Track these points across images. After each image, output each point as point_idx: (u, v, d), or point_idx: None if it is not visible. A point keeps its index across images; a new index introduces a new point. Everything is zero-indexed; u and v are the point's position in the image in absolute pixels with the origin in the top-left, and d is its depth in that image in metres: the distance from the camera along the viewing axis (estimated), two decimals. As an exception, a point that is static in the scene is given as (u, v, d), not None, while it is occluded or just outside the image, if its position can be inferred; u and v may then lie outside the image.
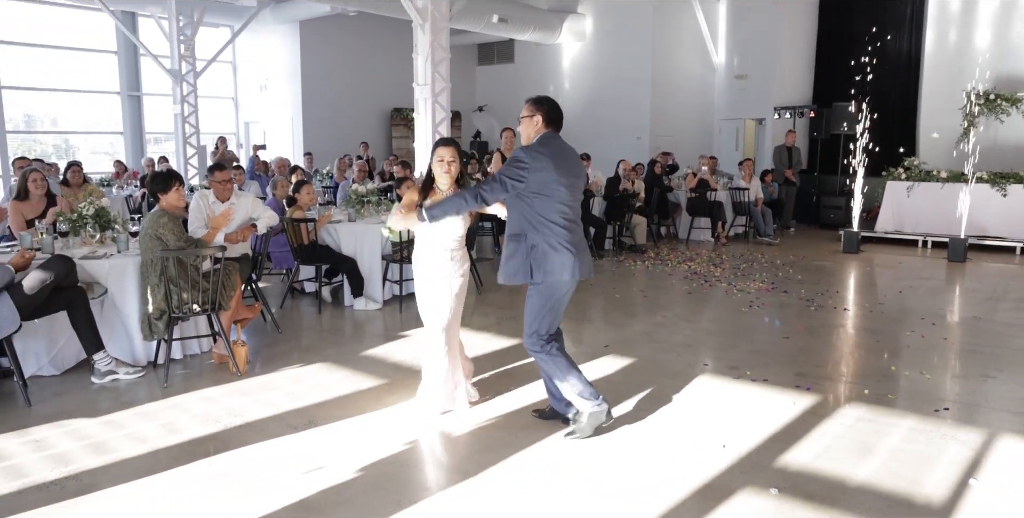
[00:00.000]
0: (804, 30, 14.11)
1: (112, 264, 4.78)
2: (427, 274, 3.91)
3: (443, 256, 3.88)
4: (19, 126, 13.75)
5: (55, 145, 14.73)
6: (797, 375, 4.70)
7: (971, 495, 3.09)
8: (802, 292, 7.30)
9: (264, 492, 3.14)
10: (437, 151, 3.82)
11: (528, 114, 3.64)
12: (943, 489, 3.15)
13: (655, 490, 3.15)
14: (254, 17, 14.40)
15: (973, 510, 2.98)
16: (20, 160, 7.29)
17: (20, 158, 7.40)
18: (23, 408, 4.19)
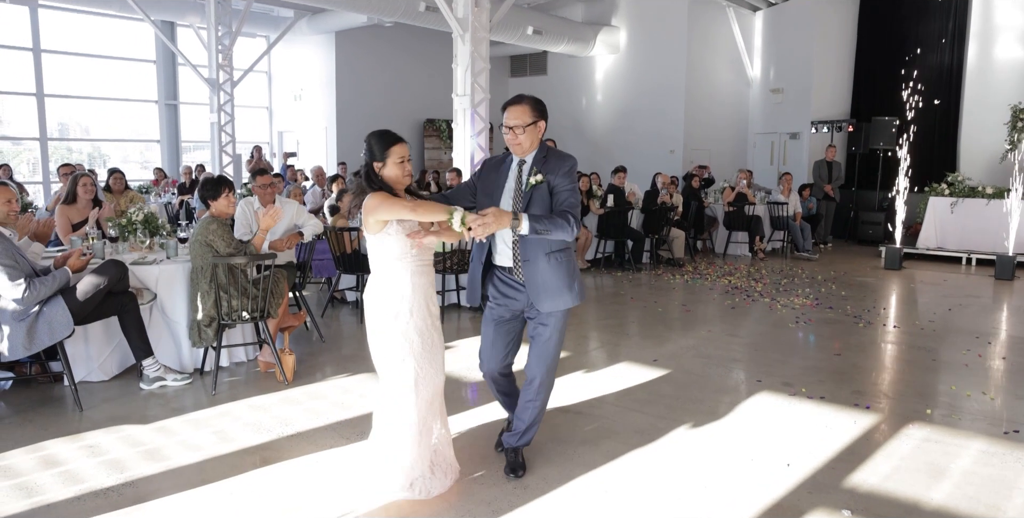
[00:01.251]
0: (842, 43, 13.97)
1: (162, 270, 4.79)
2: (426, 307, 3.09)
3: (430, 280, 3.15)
4: (53, 134, 13.95)
5: (88, 153, 14.92)
6: (854, 393, 4.57)
7: (1056, 522, 2.96)
8: (848, 308, 7.15)
9: (317, 504, 3.08)
10: (395, 150, 3.00)
11: (532, 120, 3.08)
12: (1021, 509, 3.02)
13: (724, 508, 3.05)
14: (291, 27, 14.57)
15: (1060, 538, 2.85)
16: (65, 166, 7.38)
17: (65, 165, 7.48)
18: (74, 413, 4.19)
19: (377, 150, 2.99)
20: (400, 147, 3.01)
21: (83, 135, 14.88)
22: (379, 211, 2.87)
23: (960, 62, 12.89)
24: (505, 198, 3.16)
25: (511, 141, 3.13)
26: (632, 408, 4.31)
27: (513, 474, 3.33)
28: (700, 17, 14.54)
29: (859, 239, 12.46)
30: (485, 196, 3.20)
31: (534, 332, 3.26)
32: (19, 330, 4.02)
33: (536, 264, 3.13)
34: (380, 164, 2.99)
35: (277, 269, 4.91)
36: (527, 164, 3.16)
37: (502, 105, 3.18)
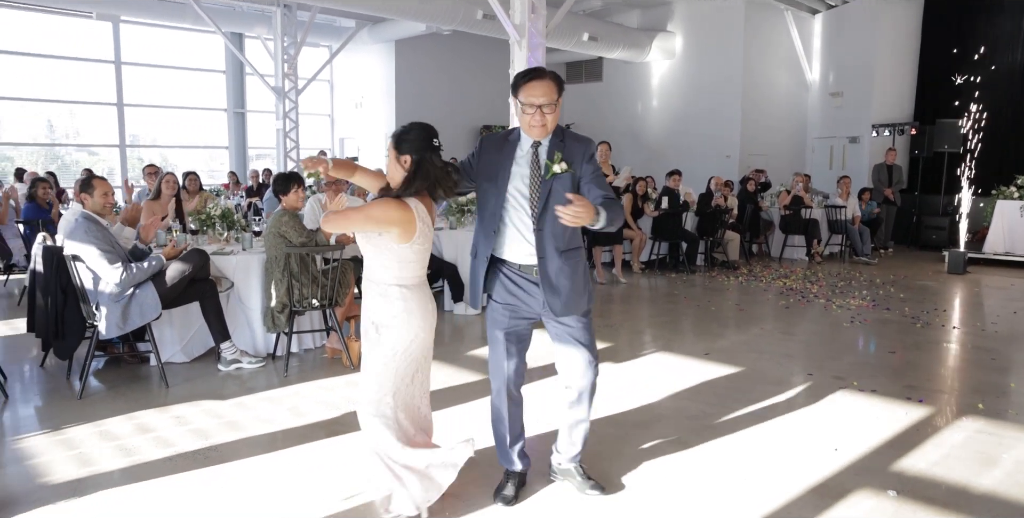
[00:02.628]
0: (906, 44, 13.74)
1: (239, 260, 5.12)
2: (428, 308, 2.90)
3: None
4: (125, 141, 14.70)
5: (159, 161, 15.62)
6: (907, 387, 4.60)
7: (1106, 507, 2.99)
8: (906, 310, 7.10)
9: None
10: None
11: (558, 96, 2.75)
12: (1075, 500, 3.05)
13: (769, 486, 3.16)
14: (352, 37, 15.08)
15: (1109, 521, 2.88)
16: (150, 166, 7.89)
17: (150, 165, 8.00)
18: (160, 388, 4.53)
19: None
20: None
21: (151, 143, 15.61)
22: None
23: (1030, 63, 12.57)
24: (514, 185, 2.79)
25: (534, 122, 2.72)
26: (683, 396, 4.43)
27: (598, 490, 3.04)
28: (757, 21, 14.52)
29: (921, 244, 12.22)
30: (487, 181, 2.82)
31: (565, 335, 2.90)
32: (115, 311, 4.37)
33: (551, 262, 2.78)
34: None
35: (344, 261, 5.19)
36: (543, 146, 2.79)
37: (519, 77, 2.76)
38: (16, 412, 4.19)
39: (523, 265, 2.83)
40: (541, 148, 2.80)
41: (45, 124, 14.22)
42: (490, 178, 2.81)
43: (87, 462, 3.42)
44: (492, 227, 2.81)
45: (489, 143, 2.89)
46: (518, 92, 2.73)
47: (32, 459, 3.46)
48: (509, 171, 2.79)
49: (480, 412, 4.10)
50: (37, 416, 4.12)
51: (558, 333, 2.92)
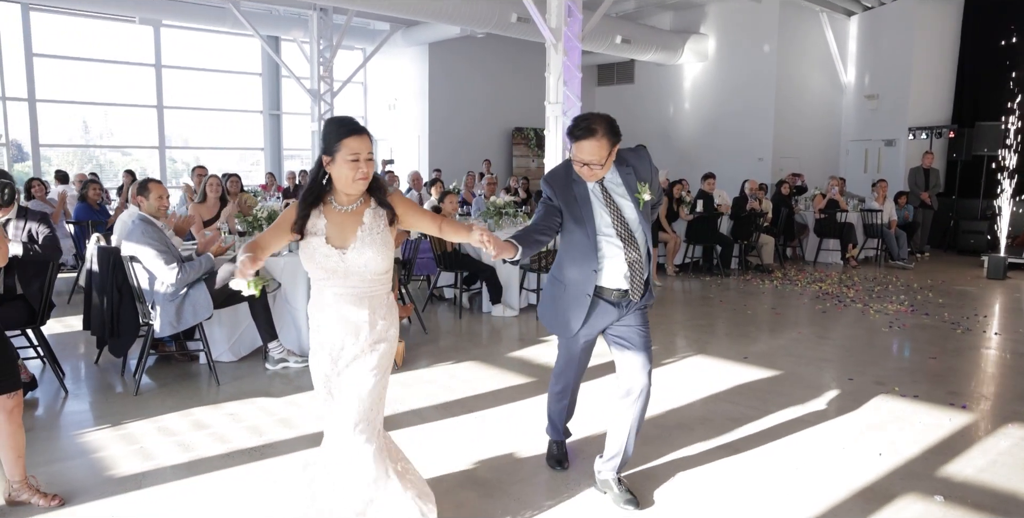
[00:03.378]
0: (944, 46, 13.57)
1: (286, 261, 5.25)
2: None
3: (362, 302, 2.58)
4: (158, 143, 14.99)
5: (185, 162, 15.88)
6: (949, 393, 4.60)
7: None
8: (945, 315, 7.05)
9: (437, 466, 3.40)
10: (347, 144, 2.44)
11: (608, 150, 2.81)
12: (1126, 508, 3.05)
13: (814, 490, 3.20)
14: (386, 40, 15.25)
15: None
16: (199, 168, 8.08)
17: (199, 166, 8.19)
18: (212, 386, 4.67)
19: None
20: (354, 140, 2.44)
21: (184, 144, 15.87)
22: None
23: (1072, 65, 12.34)
24: (601, 221, 2.89)
25: (586, 174, 2.84)
26: (723, 399, 4.47)
27: (632, 505, 3.02)
28: (791, 23, 14.43)
29: (959, 249, 12.07)
30: (574, 222, 2.90)
31: (630, 337, 3.00)
32: (169, 310, 4.52)
33: (644, 267, 2.95)
34: (328, 158, 2.45)
35: (388, 262, 5.29)
36: (607, 179, 2.91)
37: (572, 131, 2.80)
38: (76, 407, 4.35)
39: (615, 290, 2.94)
40: (607, 182, 2.91)
41: (80, 125, 14.55)
42: (576, 220, 2.89)
43: (148, 456, 3.56)
44: (592, 267, 2.90)
45: (558, 184, 2.93)
46: (573, 147, 2.81)
47: (96, 452, 3.61)
48: (592, 212, 2.89)
49: (526, 412, 4.18)
50: (97, 411, 4.27)
51: (625, 336, 2.99)
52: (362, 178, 2.43)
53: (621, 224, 2.88)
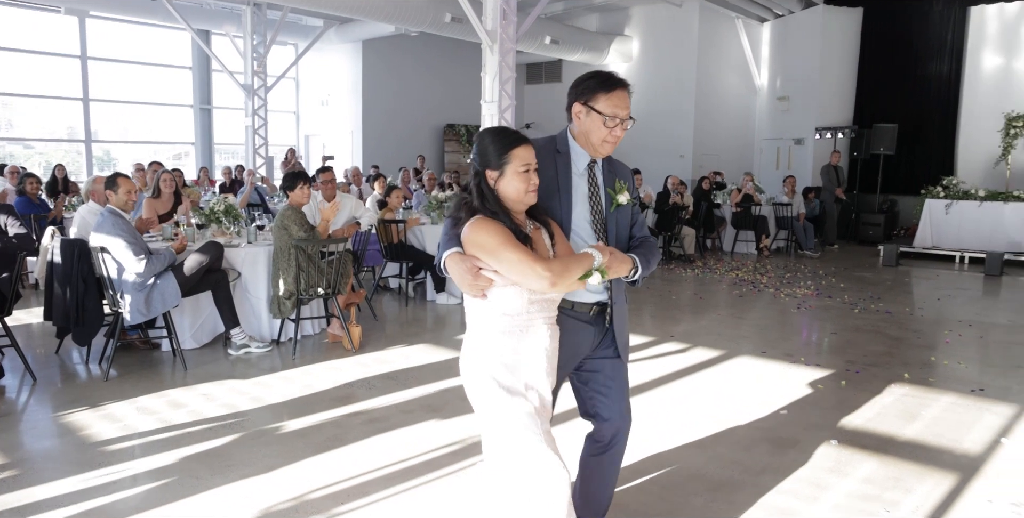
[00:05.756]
0: (846, 54, 14.65)
1: (247, 252, 5.53)
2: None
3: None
4: (78, 136, 14.68)
5: (98, 157, 15.53)
6: (846, 362, 5.29)
7: (1002, 449, 3.67)
8: (845, 297, 7.85)
9: (405, 433, 3.82)
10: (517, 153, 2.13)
11: None
12: (979, 445, 3.73)
13: (732, 439, 3.76)
14: (320, 36, 15.37)
15: (1003, 460, 3.56)
16: (155, 164, 8.15)
17: (155, 162, 8.26)
18: (180, 371, 4.93)
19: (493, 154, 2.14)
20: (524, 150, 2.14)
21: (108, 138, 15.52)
22: (481, 249, 2.09)
23: (958, 72, 13.58)
24: (579, 209, 2.33)
25: (611, 137, 2.30)
26: (653, 370, 5.02)
27: None
28: (710, 28, 15.29)
29: (860, 239, 13.14)
30: (546, 200, 2.27)
31: (609, 373, 2.45)
32: (139, 299, 4.76)
33: (617, 299, 2.41)
34: (495, 173, 2.14)
35: (344, 252, 5.64)
36: (598, 166, 2.40)
37: (598, 83, 2.29)
38: (49, 392, 4.55)
39: (577, 303, 2.35)
40: (596, 168, 2.40)
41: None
42: (548, 197, 2.28)
43: (135, 431, 3.84)
44: None
45: (540, 153, 2.23)
46: (595, 100, 2.27)
47: (83, 431, 3.86)
48: (571, 194, 2.33)
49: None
50: (71, 395, 4.47)
51: (604, 373, 2.44)
52: (533, 190, 2.14)
53: (600, 221, 2.35)
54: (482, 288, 2.10)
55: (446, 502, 3.09)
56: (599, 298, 2.37)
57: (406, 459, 3.49)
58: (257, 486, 3.21)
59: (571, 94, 2.35)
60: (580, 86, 2.32)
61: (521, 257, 2.03)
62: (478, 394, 2.19)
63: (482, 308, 2.16)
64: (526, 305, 2.13)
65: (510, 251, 2.04)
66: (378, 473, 3.34)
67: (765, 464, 3.48)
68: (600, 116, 2.28)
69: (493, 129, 2.20)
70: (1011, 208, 10.52)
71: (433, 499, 3.11)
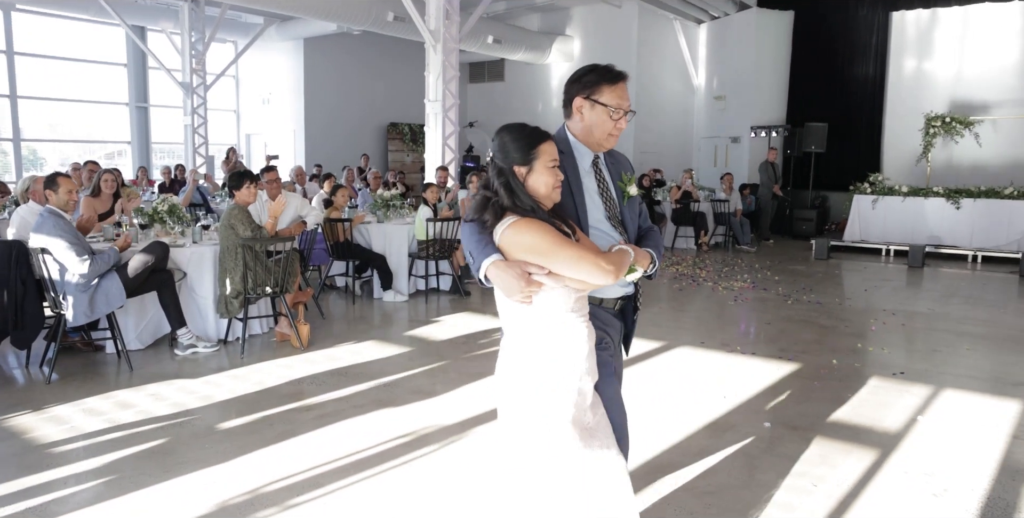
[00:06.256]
0: (778, 55, 15.16)
1: (193, 252, 5.50)
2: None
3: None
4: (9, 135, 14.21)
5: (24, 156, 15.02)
6: (780, 350, 5.56)
7: (918, 426, 3.96)
8: (780, 290, 8.19)
9: (357, 426, 3.90)
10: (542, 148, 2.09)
11: None
12: (898, 423, 4.00)
13: (669, 425, 3.96)
14: (260, 34, 15.18)
15: (918, 435, 3.83)
16: (91, 163, 7.99)
17: (91, 162, 8.09)
18: (126, 372, 4.89)
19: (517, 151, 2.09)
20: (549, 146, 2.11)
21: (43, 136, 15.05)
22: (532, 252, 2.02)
23: (882, 73, 14.20)
24: (592, 207, 2.31)
25: (616, 130, 2.31)
26: (599, 362, 5.20)
27: None
28: (649, 29, 15.63)
29: (794, 234, 13.64)
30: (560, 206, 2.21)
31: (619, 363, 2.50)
32: (82, 300, 4.71)
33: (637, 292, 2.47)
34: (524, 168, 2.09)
35: (291, 251, 5.66)
36: (601, 161, 2.39)
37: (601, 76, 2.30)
38: (-10, 396, 4.47)
39: (605, 299, 2.36)
40: (600, 163, 2.39)
41: None
42: (562, 198, 2.20)
43: (82, 433, 3.82)
44: None
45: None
46: (600, 93, 2.28)
47: (27, 434, 3.82)
48: (583, 193, 2.30)
49: (427, 379, 4.73)
50: (12, 400, 4.39)
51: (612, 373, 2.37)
52: (559, 186, 2.12)
53: (616, 215, 2.35)
54: (533, 294, 2.03)
55: (398, 491, 3.19)
56: (625, 291, 2.40)
57: (359, 451, 3.58)
58: (211, 480, 3.26)
59: (571, 90, 2.34)
60: (581, 81, 2.32)
61: (581, 253, 2.00)
62: (523, 401, 2.12)
63: (524, 312, 2.09)
64: (571, 305, 2.09)
65: (567, 249, 2.00)
66: (331, 465, 3.42)
67: (702, 447, 3.68)
68: (606, 108, 2.28)
69: (515, 125, 2.14)
70: (931, 203, 11.11)
71: (386, 489, 3.21)
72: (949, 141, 12.68)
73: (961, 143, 12.57)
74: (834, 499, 3.12)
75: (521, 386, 2.12)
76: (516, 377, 2.14)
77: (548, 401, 2.10)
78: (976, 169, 12.56)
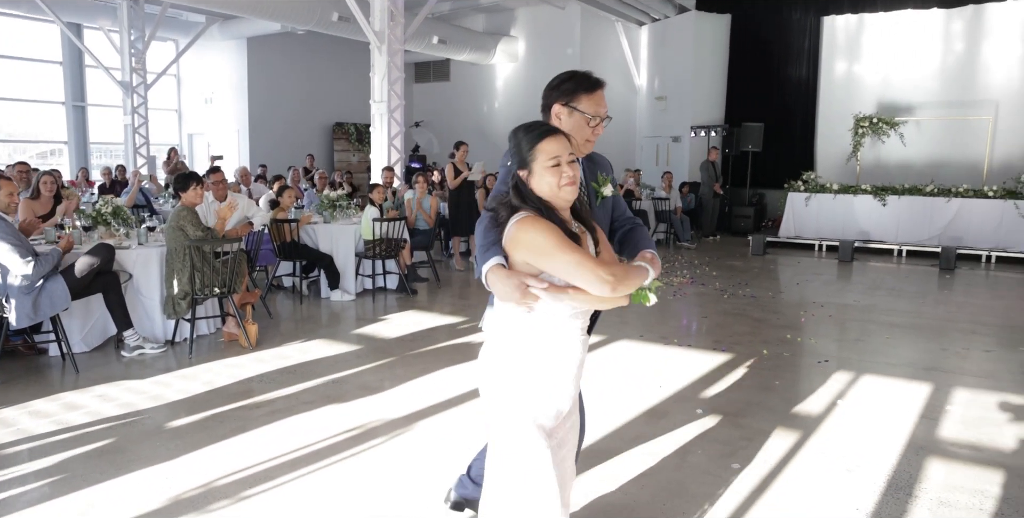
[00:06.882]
0: (717, 57, 15.61)
1: (139, 253, 5.51)
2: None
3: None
4: None
5: None
6: (714, 341, 5.84)
7: (837, 409, 4.25)
8: (717, 284, 8.52)
9: (307, 421, 4.00)
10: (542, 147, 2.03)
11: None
12: (819, 407, 4.29)
13: (609, 414, 4.17)
14: (203, 33, 14.97)
15: (837, 417, 4.13)
16: (21, 164, 7.82)
17: (21, 162, 7.92)
18: (72, 374, 4.89)
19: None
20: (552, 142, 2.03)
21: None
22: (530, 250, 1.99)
23: (815, 75, 14.77)
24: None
25: (593, 138, 2.40)
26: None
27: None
28: (591, 29, 15.92)
29: (733, 231, 14.10)
30: None
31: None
32: (25, 302, 4.69)
33: None
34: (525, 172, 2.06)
35: (238, 252, 5.71)
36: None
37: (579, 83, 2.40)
38: (-69, 400, 4.43)
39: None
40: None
41: None
42: None
43: (29, 435, 3.84)
44: None
45: None
46: (577, 100, 2.37)
47: (-27, 435, 3.83)
48: None
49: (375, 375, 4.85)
50: (-46, 403, 4.38)
51: None
52: (569, 183, 2.01)
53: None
54: (529, 305, 2.00)
55: (348, 482, 3.32)
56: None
57: (309, 445, 3.69)
58: (163, 476, 3.33)
59: (549, 96, 2.41)
60: (560, 88, 2.38)
61: (580, 259, 1.92)
62: (502, 407, 2.10)
63: (518, 319, 2.05)
64: (568, 318, 2.04)
65: (567, 252, 1.93)
66: (282, 459, 3.53)
67: (638, 433, 3.90)
68: (583, 115, 2.35)
69: (521, 126, 2.09)
70: (860, 201, 11.63)
71: (336, 480, 3.33)
72: (877, 141, 13.28)
73: (888, 143, 13.18)
74: (759, 477, 3.37)
75: (503, 383, 2.09)
76: (500, 373, 2.10)
77: (527, 405, 2.07)
78: (902, 168, 13.19)
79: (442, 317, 6.72)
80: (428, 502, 3.11)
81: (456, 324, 6.44)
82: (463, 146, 9.08)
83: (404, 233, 7.70)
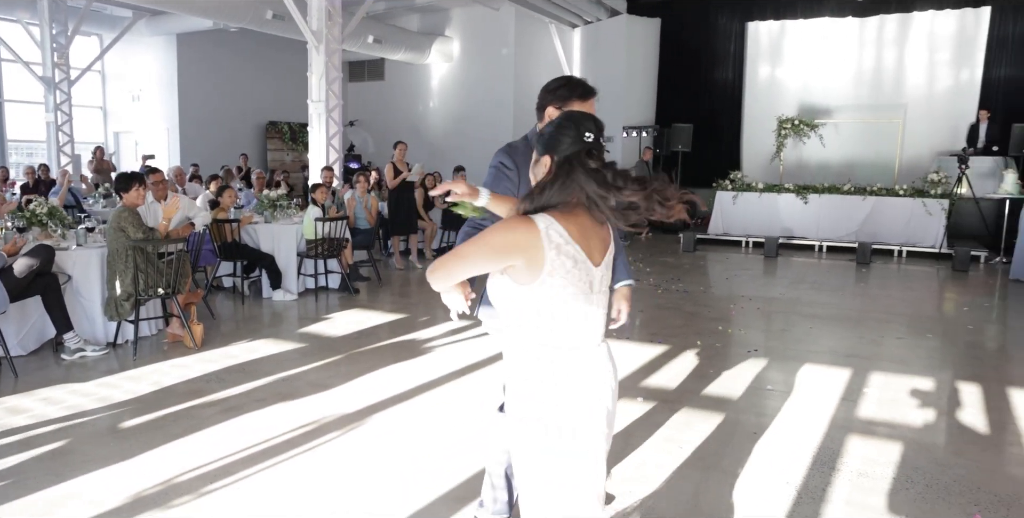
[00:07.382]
0: (647, 59, 16.09)
1: (79, 254, 5.43)
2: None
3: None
4: None
5: None
6: (651, 334, 6.12)
7: (766, 394, 4.56)
8: (651, 280, 8.85)
9: (261, 418, 4.07)
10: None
11: None
12: (751, 392, 4.60)
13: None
14: (129, 28, 14.57)
15: (766, 401, 4.43)
16: None
17: None
18: (11, 379, 4.80)
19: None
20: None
21: None
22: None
23: (740, 78, 15.40)
24: None
25: None
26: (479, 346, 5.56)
27: None
28: (525, 31, 16.16)
29: (665, 228, 14.53)
30: None
31: None
32: (-38, 306, 4.59)
33: None
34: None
35: (181, 252, 5.68)
36: None
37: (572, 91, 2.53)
38: None
39: None
40: None
41: None
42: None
43: (-25, 438, 3.79)
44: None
45: (518, 156, 2.51)
46: (570, 106, 2.47)
47: (-86, 441, 3.76)
48: None
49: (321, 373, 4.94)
50: None
51: None
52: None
53: None
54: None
55: (306, 475, 3.42)
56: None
57: (265, 440, 3.77)
58: (121, 475, 3.37)
59: (545, 98, 2.57)
60: (555, 92, 2.54)
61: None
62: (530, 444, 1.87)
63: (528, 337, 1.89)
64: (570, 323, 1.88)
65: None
66: (241, 454, 3.60)
67: (584, 420, 4.10)
68: None
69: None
70: (783, 199, 12.20)
71: (294, 473, 3.43)
72: (798, 142, 13.93)
73: (808, 144, 13.85)
74: (696, 456, 3.62)
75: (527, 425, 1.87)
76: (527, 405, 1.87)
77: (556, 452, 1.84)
78: (821, 167, 13.87)
79: (385, 315, 6.82)
80: (384, 493, 3.24)
81: (399, 321, 6.55)
82: (401, 145, 9.16)
83: (346, 233, 7.75)
